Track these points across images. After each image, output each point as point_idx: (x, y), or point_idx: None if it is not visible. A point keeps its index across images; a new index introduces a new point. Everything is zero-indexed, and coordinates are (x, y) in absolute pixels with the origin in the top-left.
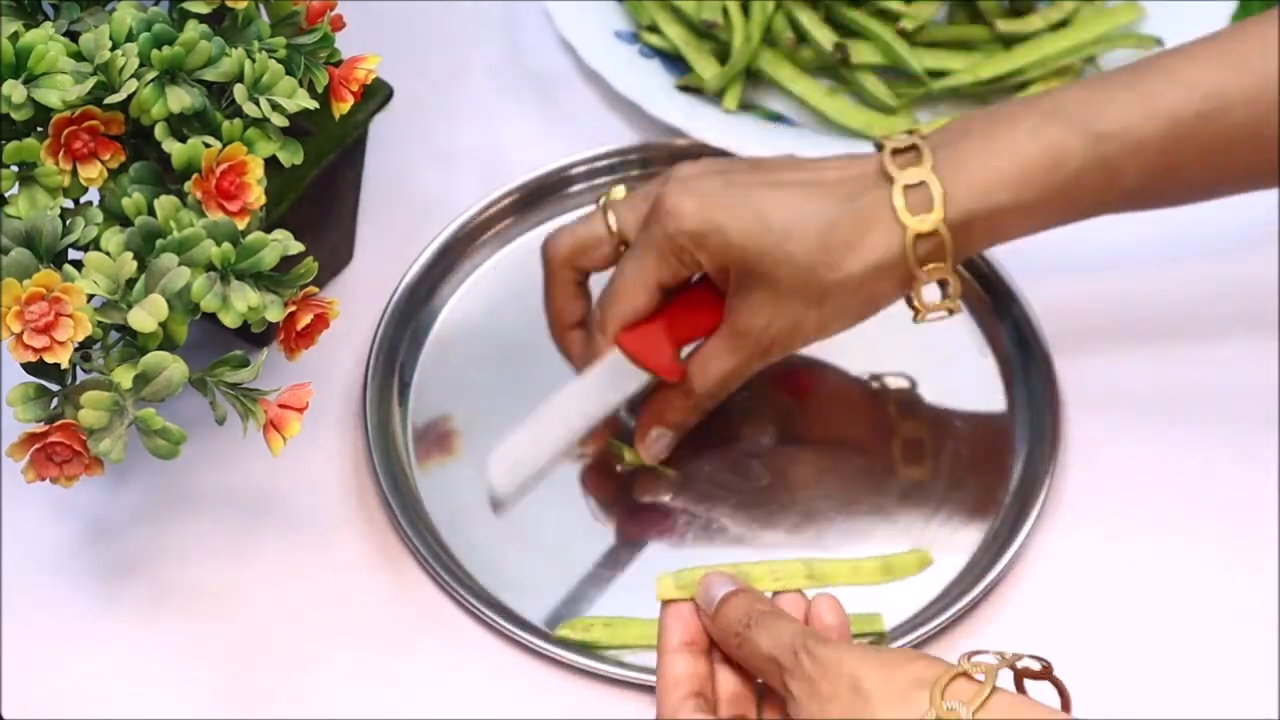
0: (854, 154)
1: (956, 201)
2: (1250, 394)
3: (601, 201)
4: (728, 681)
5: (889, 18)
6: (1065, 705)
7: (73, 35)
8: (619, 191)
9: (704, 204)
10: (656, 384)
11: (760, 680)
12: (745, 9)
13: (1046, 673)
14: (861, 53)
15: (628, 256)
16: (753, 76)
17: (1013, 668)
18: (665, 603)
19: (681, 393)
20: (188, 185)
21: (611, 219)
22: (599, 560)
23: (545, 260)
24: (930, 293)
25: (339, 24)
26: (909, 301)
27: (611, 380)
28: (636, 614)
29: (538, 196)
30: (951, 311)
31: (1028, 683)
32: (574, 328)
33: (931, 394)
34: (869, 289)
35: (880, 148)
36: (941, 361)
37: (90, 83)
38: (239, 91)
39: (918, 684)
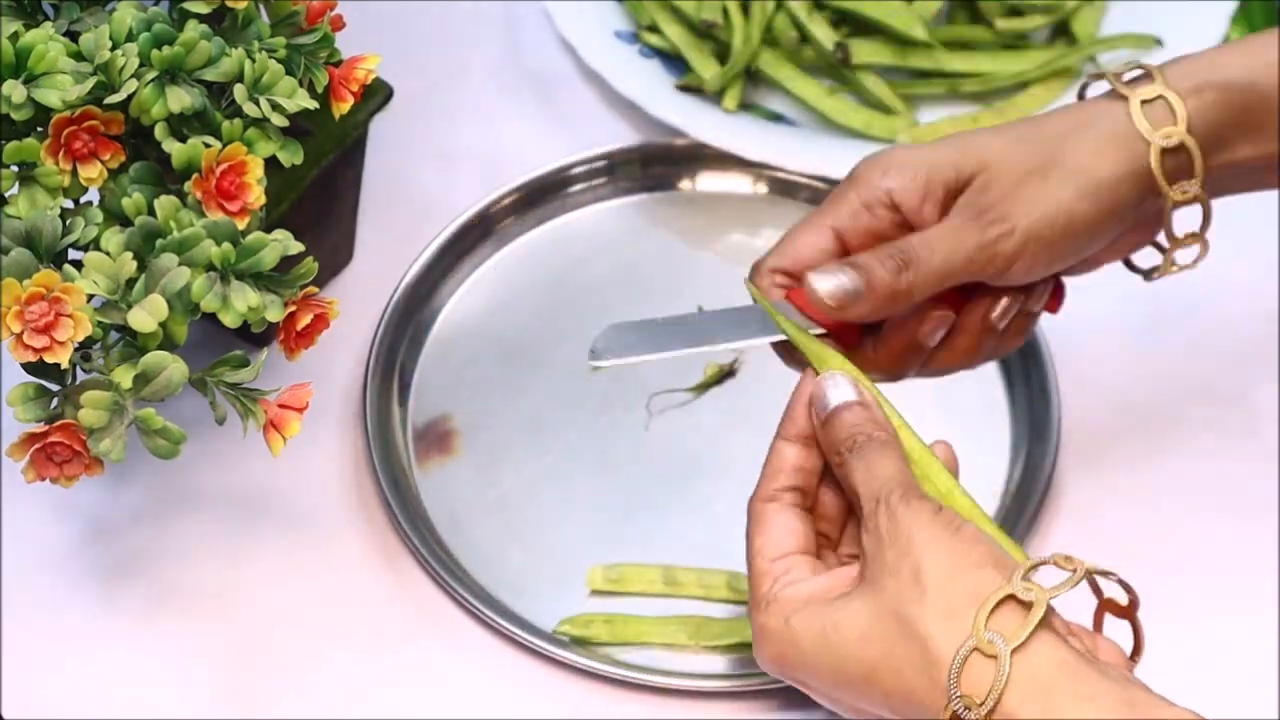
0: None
1: (1198, 115)
2: (1250, 394)
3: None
4: (830, 492)
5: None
6: (1137, 650)
7: (73, 35)
8: None
9: (905, 152)
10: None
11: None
12: (745, 9)
13: (1130, 609)
14: (863, 52)
15: (811, 215)
16: (753, 76)
17: (1094, 587)
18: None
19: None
20: (188, 185)
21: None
22: (598, 559)
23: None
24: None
25: (339, 24)
26: (1158, 246)
27: (757, 323)
28: (636, 612)
29: (538, 196)
30: (1203, 251)
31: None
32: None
33: (931, 394)
34: (1118, 198)
35: (1100, 76)
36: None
37: (90, 83)
38: (239, 91)
39: (972, 599)
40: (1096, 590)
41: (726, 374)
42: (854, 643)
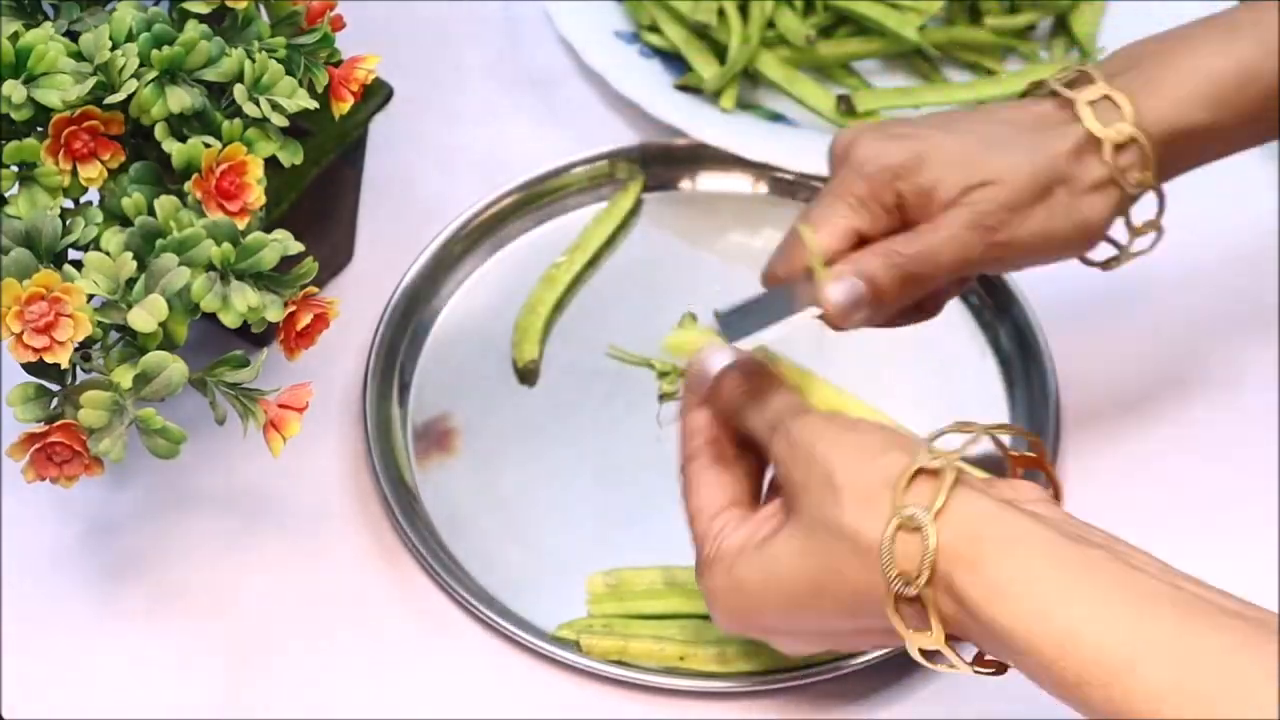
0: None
1: (1151, 115)
2: (1250, 394)
3: None
4: (746, 455)
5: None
6: (1056, 494)
7: (73, 35)
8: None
9: (899, 142)
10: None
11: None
12: (743, 10)
13: (1039, 458)
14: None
15: (819, 199)
16: (753, 76)
17: (998, 444)
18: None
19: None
20: (188, 185)
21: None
22: (598, 560)
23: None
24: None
25: (339, 24)
26: (1111, 241)
27: (799, 296)
28: (636, 612)
29: (538, 196)
30: (1158, 236)
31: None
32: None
33: (932, 395)
34: (1083, 205)
35: (1039, 85)
36: (942, 363)
37: (90, 83)
38: (239, 91)
39: (885, 483)
40: (1000, 446)
41: None
42: (794, 566)
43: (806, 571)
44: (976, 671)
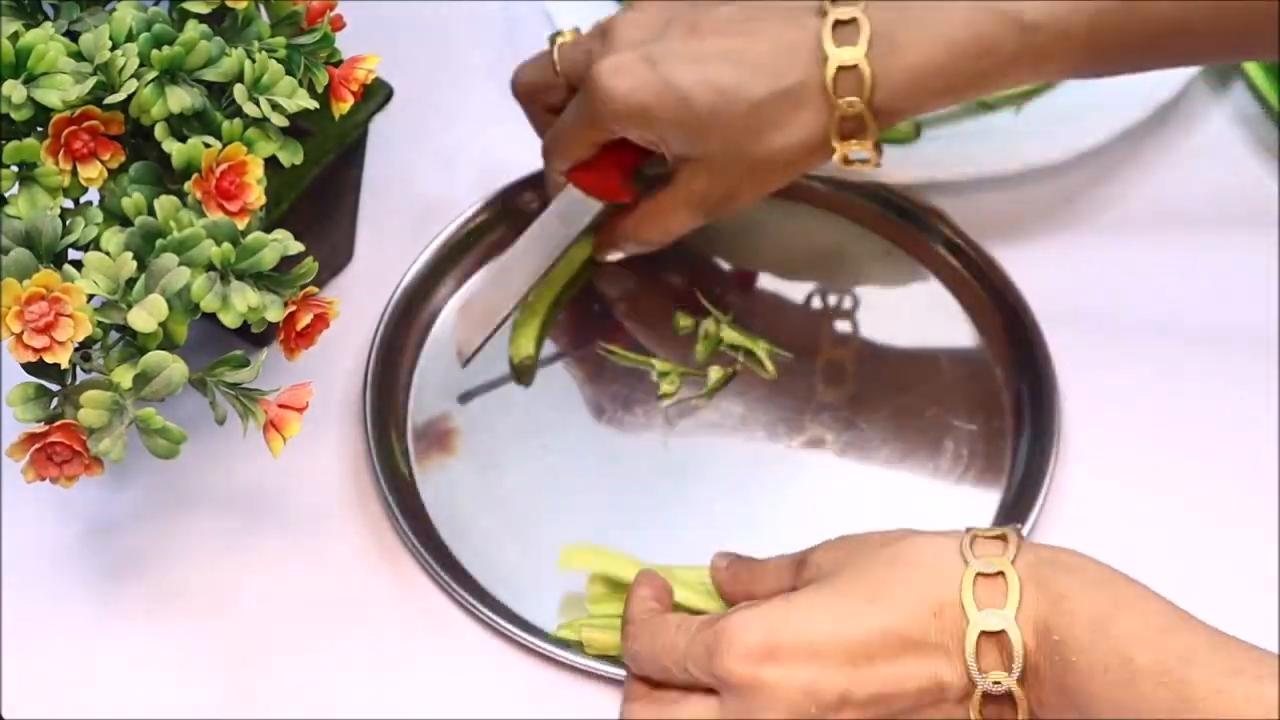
0: (795, 6)
1: (884, 86)
2: (1250, 391)
3: (554, 43)
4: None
5: None
6: None
7: (73, 35)
8: (567, 35)
9: (630, 87)
10: (611, 211)
11: None
12: None
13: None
14: None
15: (570, 109)
16: None
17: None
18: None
19: (632, 226)
20: (188, 185)
21: (557, 60)
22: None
23: (514, 94)
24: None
25: (339, 24)
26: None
27: (567, 213)
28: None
29: (538, 196)
30: (874, 165)
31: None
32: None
33: (932, 395)
34: (794, 160)
35: (824, 14)
36: (942, 362)
37: (90, 83)
38: (239, 91)
39: (944, 549)
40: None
41: (730, 376)
42: (848, 581)
43: (864, 585)
44: None
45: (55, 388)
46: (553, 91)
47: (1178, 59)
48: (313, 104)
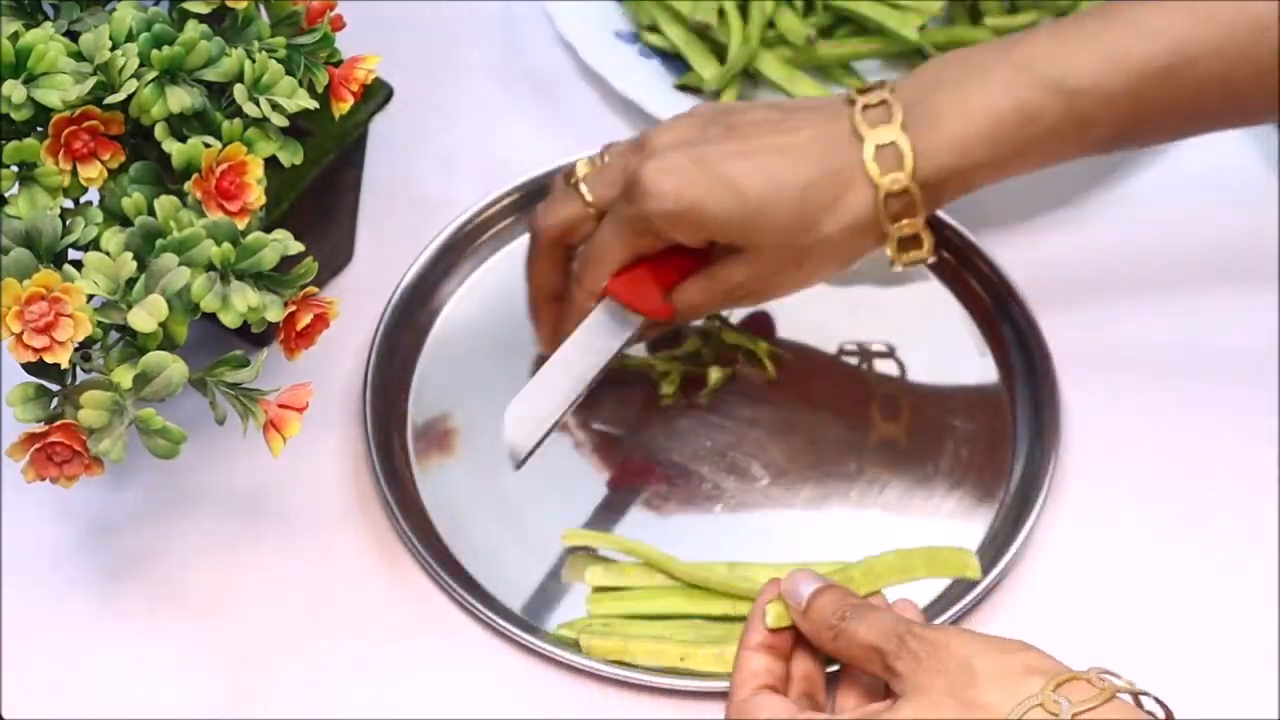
0: (827, 102)
1: (928, 159)
2: (1250, 389)
3: (571, 180)
4: (800, 663)
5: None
6: None
7: (73, 35)
8: (583, 166)
9: (680, 184)
10: (649, 324)
11: (834, 668)
12: (743, 10)
13: None
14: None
15: (607, 223)
16: (753, 77)
17: (1134, 696)
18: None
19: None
20: (188, 185)
21: (586, 193)
22: (598, 559)
23: (534, 239)
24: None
25: (339, 24)
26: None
27: (607, 328)
28: (635, 612)
29: (538, 196)
30: (926, 262)
31: None
32: (552, 300)
33: (932, 394)
34: (845, 247)
35: (852, 102)
36: (942, 362)
37: (90, 83)
38: (239, 91)
39: (1029, 670)
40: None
41: (730, 376)
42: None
43: None
44: None
45: (55, 388)
46: (584, 225)
47: (1222, 119)
48: (313, 104)
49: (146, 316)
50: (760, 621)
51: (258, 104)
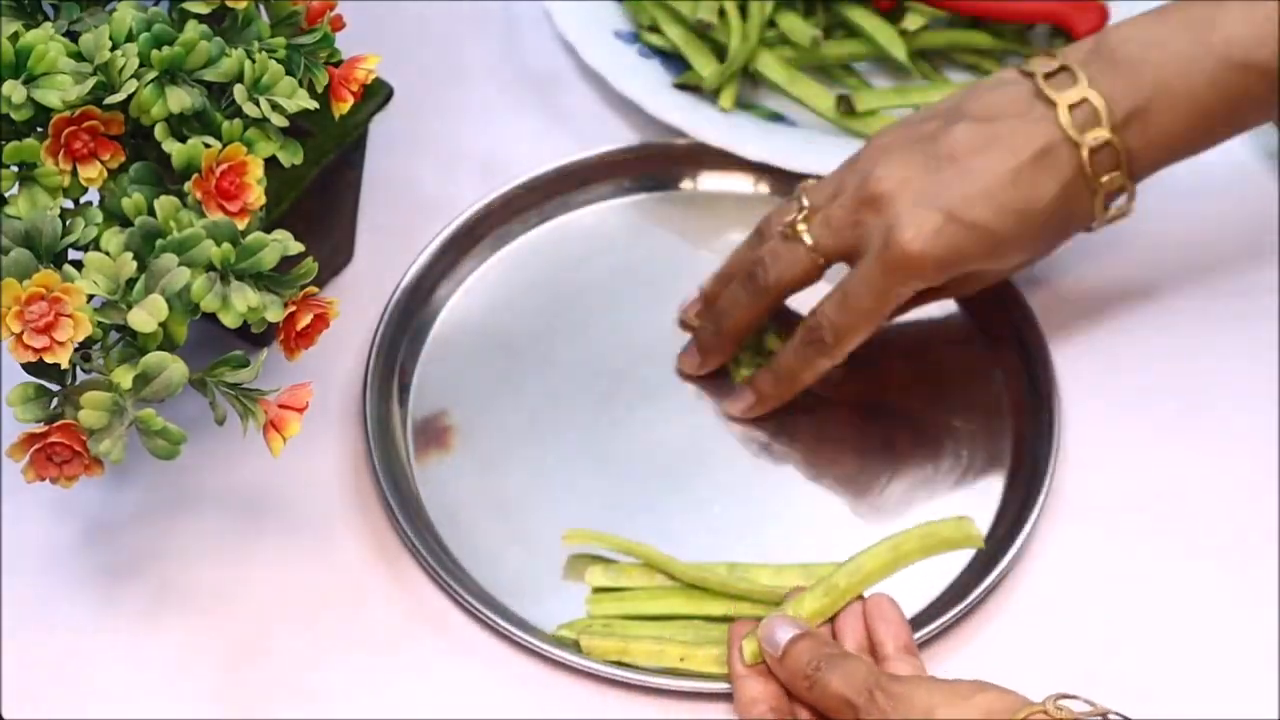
0: (1012, 98)
1: (1141, 160)
2: (1250, 390)
3: (792, 229)
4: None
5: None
6: None
7: (73, 35)
8: (790, 213)
9: (941, 249)
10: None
11: None
12: (743, 9)
13: None
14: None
15: (861, 278)
16: (753, 76)
17: (1102, 717)
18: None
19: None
20: (188, 185)
21: (809, 240)
22: (598, 559)
23: (757, 288)
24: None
25: (339, 24)
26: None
27: None
28: (635, 612)
29: (537, 196)
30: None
31: None
32: (740, 339)
33: (932, 395)
34: (1062, 224)
35: (1029, 75)
36: (942, 362)
37: (90, 83)
38: (239, 91)
39: (988, 713)
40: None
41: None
42: None
43: None
44: None
45: (55, 388)
46: (815, 276)
47: None
48: (313, 104)
49: (146, 317)
50: (738, 653)
51: (258, 104)
